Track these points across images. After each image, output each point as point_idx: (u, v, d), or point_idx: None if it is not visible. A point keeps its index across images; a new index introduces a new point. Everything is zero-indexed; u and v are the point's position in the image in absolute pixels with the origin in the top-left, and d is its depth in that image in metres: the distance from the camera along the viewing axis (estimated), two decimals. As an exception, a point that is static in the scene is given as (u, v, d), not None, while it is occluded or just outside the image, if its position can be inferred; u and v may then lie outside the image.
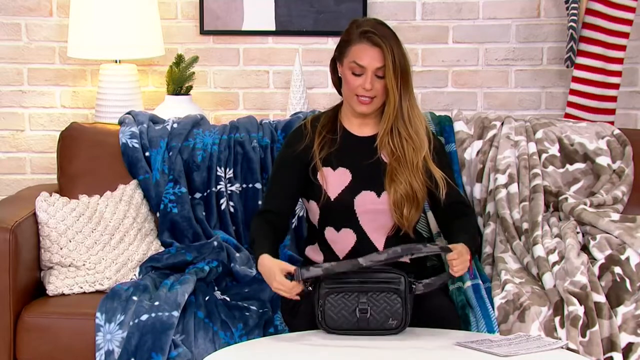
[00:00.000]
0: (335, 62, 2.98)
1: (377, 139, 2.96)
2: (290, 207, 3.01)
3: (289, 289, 2.74)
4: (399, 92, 2.89)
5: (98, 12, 3.78)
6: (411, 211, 2.92)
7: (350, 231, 2.95)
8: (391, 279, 2.75)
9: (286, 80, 4.10)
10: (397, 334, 2.72)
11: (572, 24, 3.82)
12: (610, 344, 2.93)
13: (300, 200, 3.08)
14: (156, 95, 4.10)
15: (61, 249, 3.22)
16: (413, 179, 2.91)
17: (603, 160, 3.49)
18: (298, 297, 2.75)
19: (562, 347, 2.70)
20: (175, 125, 3.56)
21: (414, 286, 2.77)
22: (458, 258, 2.77)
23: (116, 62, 3.95)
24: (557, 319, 2.97)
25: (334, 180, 2.96)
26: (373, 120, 3.00)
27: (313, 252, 3.03)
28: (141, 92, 4.00)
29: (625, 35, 3.86)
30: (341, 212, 2.93)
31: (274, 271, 2.76)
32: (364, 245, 2.94)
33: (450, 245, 2.83)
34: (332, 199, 2.94)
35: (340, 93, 3.02)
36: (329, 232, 2.98)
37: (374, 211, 2.93)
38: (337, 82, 3.01)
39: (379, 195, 2.94)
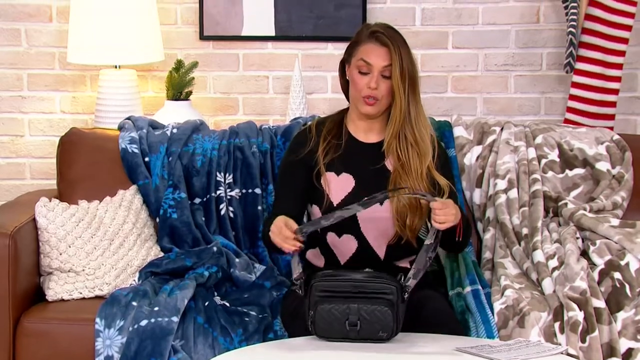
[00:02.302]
0: (344, 66, 2.99)
1: (383, 145, 2.97)
2: (300, 212, 2.99)
3: (285, 235, 2.71)
4: (405, 94, 2.90)
5: (98, 17, 3.78)
6: (414, 221, 2.91)
7: (351, 237, 2.95)
8: (383, 290, 2.70)
9: (286, 86, 4.11)
10: (387, 342, 2.69)
11: (571, 29, 3.83)
12: (610, 350, 2.93)
13: None
14: (156, 101, 4.10)
15: (60, 254, 3.22)
16: (417, 186, 2.91)
17: (602, 166, 3.49)
18: (292, 248, 2.73)
19: (562, 353, 2.70)
20: (174, 131, 3.56)
21: (406, 293, 2.73)
22: (443, 208, 2.74)
23: (116, 67, 3.95)
24: (556, 325, 2.96)
25: (337, 186, 2.96)
26: (379, 126, 3.00)
27: (314, 256, 3.03)
28: (141, 98, 4.01)
29: (624, 40, 3.86)
30: (343, 218, 2.93)
31: (276, 220, 2.75)
32: (365, 251, 2.94)
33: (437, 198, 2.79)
34: (335, 205, 2.94)
35: (347, 97, 3.03)
36: (331, 237, 2.97)
37: (376, 219, 2.93)
38: (345, 86, 3.02)
39: (381, 203, 2.93)
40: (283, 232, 2.73)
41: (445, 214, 2.74)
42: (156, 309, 3.00)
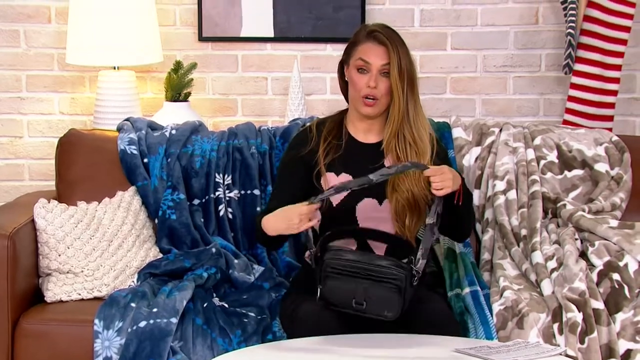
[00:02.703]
0: (343, 67, 3.00)
1: (382, 145, 2.97)
2: None
3: (312, 210, 2.72)
4: (404, 93, 2.90)
5: (97, 18, 3.78)
6: (413, 220, 2.91)
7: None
8: (392, 275, 2.71)
9: (284, 87, 4.11)
10: (393, 320, 2.72)
11: (570, 30, 3.83)
12: (608, 351, 2.93)
13: None
14: (155, 102, 4.10)
15: (59, 255, 3.22)
16: (414, 186, 2.91)
17: (601, 167, 3.50)
18: (316, 221, 2.74)
19: (560, 354, 2.70)
20: (173, 132, 3.56)
21: (416, 278, 2.73)
22: (436, 175, 2.74)
23: (115, 68, 3.95)
24: (555, 326, 2.96)
25: (337, 186, 2.96)
26: (378, 126, 3.01)
27: (313, 256, 3.03)
28: (139, 99, 4.01)
29: (623, 42, 3.87)
30: (343, 218, 2.93)
31: (293, 210, 2.75)
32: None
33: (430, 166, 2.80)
34: (335, 205, 2.94)
35: (346, 98, 3.03)
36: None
37: (376, 219, 2.93)
38: (344, 87, 3.02)
39: (380, 203, 2.94)
40: (307, 209, 2.73)
41: (442, 179, 2.74)
42: (155, 310, 3.00)
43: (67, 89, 4.12)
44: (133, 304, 3.04)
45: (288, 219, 2.76)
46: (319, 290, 2.74)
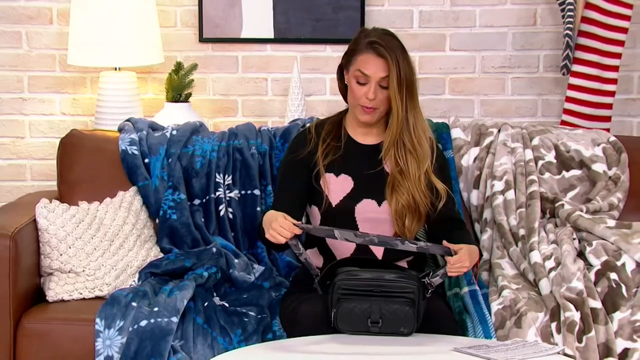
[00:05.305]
0: (342, 70, 3.00)
1: (381, 148, 2.97)
2: (300, 212, 2.99)
3: (289, 227, 2.70)
4: (403, 103, 2.89)
5: (98, 19, 3.80)
6: (413, 222, 2.92)
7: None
8: (405, 289, 2.72)
9: (284, 88, 4.12)
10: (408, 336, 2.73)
11: (568, 31, 3.84)
12: (606, 350, 2.94)
13: None
14: (155, 103, 4.12)
15: (61, 255, 3.23)
16: (415, 190, 2.92)
17: (599, 167, 3.51)
18: (280, 237, 2.72)
19: (558, 353, 2.72)
20: (174, 132, 3.57)
21: (428, 292, 2.76)
22: (457, 263, 2.74)
23: (116, 69, 3.96)
24: (553, 325, 2.98)
25: (336, 187, 2.97)
26: (377, 128, 3.01)
27: (313, 256, 3.04)
28: (140, 100, 4.02)
29: (620, 43, 3.88)
30: (342, 219, 2.94)
31: (278, 215, 2.75)
32: (363, 252, 2.96)
33: (455, 246, 2.77)
34: (334, 206, 2.96)
35: (345, 100, 3.04)
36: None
37: (375, 220, 2.94)
38: (344, 90, 3.03)
39: (379, 204, 2.95)
40: (286, 224, 2.72)
41: (458, 269, 2.75)
42: (156, 309, 3.01)
43: (68, 90, 4.14)
44: (134, 303, 3.05)
45: (271, 217, 2.76)
46: (332, 314, 2.73)
